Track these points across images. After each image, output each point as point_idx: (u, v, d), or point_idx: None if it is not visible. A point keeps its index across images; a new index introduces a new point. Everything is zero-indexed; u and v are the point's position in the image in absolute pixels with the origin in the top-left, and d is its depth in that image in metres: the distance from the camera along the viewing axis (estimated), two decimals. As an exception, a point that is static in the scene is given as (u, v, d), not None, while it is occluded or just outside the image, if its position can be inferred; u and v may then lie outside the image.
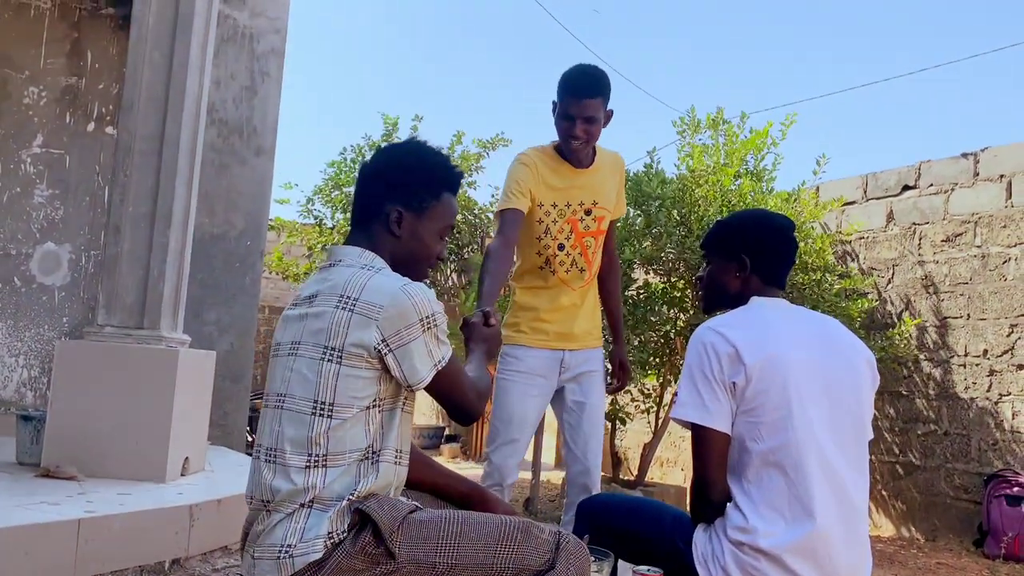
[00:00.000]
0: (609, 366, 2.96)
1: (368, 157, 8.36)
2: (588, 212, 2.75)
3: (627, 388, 2.88)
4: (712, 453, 1.80)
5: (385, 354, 1.55)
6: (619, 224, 5.78)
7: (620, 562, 2.03)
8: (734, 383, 1.78)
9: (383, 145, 2.02)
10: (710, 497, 1.82)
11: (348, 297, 1.57)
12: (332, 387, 1.55)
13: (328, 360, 1.55)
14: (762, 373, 1.77)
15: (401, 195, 1.71)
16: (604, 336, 2.96)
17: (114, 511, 2.94)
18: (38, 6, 5.53)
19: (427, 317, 1.57)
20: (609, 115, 2.67)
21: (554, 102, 2.67)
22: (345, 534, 1.52)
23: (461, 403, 1.67)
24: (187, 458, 3.83)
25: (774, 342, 1.83)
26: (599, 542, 1.89)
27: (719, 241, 2.07)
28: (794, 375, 1.79)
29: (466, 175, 8.23)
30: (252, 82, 5.99)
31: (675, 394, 1.88)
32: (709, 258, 2.10)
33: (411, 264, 1.74)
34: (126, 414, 3.61)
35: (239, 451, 5.31)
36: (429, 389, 1.61)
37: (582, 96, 2.59)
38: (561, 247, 2.75)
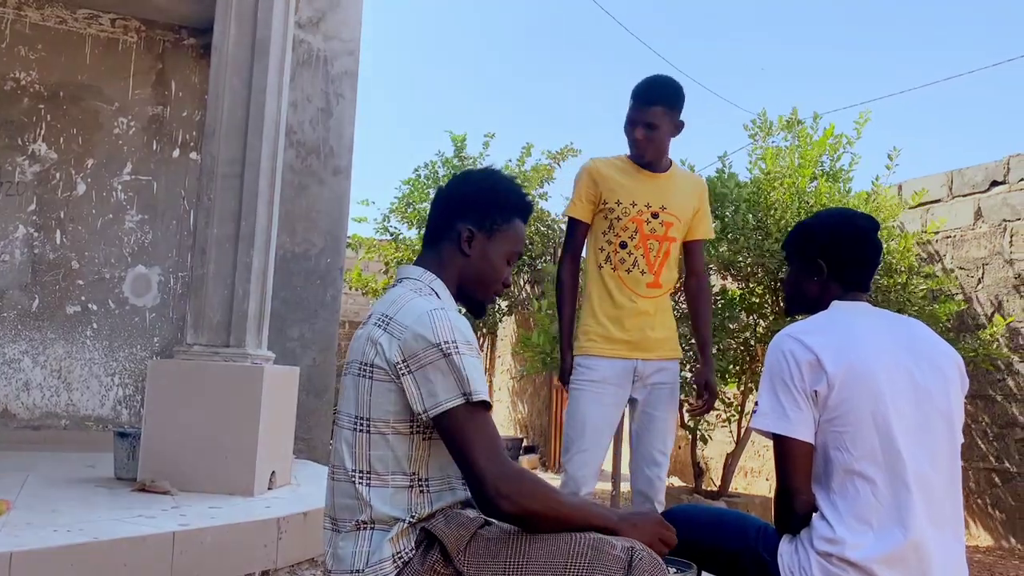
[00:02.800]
0: (694, 385, 2.96)
1: (441, 174, 8.44)
2: (655, 215, 2.78)
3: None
4: (795, 463, 1.76)
5: (404, 374, 1.53)
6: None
7: (704, 574, 2.00)
8: (816, 391, 1.73)
9: (461, 171, 2.05)
10: (794, 507, 1.77)
11: (387, 316, 1.59)
12: (367, 402, 1.57)
13: (363, 376, 1.58)
14: (845, 380, 1.73)
15: (474, 215, 1.73)
16: (684, 349, 2.98)
17: (206, 524, 3.03)
18: (125, 40, 5.78)
19: (446, 343, 1.51)
20: (679, 126, 2.76)
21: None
22: (413, 551, 1.53)
23: (469, 459, 1.50)
24: (273, 472, 3.92)
25: (857, 348, 1.78)
26: (683, 554, 1.87)
27: (797, 245, 2.02)
28: (878, 382, 1.74)
29: (537, 186, 8.25)
30: (327, 104, 6.14)
31: (756, 403, 1.84)
32: (789, 261, 2.06)
33: (478, 285, 1.74)
34: (215, 430, 3.72)
35: (323, 464, 5.41)
36: (439, 427, 1.52)
37: (644, 103, 2.71)
38: (624, 245, 2.77)
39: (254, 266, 3.95)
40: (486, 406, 1.53)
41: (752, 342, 5.81)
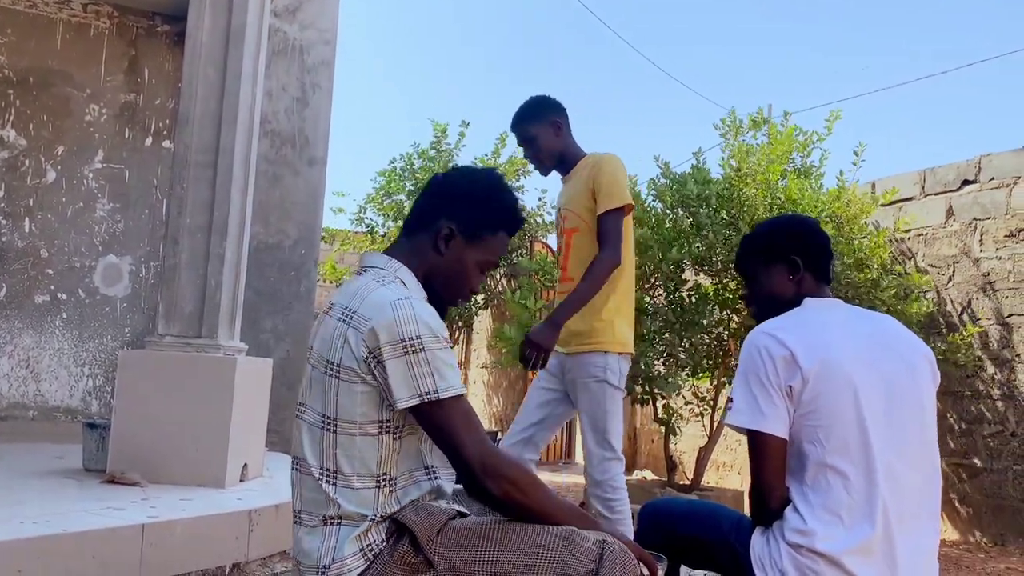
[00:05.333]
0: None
1: (417, 165, 8.34)
2: (565, 217, 3.01)
3: (535, 367, 2.77)
4: (769, 458, 1.77)
5: (373, 367, 1.50)
6: (667, 225, 5.75)
7: (682, 568, 2.02)
8: (790, 387, 1.75)
9: (462, 165, 2.02)
10: (768, 503, 1.79)
11: (350, 309, 1.54)
12: (335, 402, 1.53)
13: (330, 375, 1.54)
14: (819, 375, 1.74)
15: (460, 216, 1.68)
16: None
17: (176, 516, 3.01)
18: (97, 25, 5.70)
19: (409, 339, 1.48)
20: (555, 124, 2.96)
21: None
22: (384, 543, 1.52)
23: (454, 447, 1.49)
24: (246, 464, 3.90)
25: (830, 344, 1.79)
26: (659, 546, 1.88)
27: (761, 251, 2.03)
28: (851, 376, 1.76)
29: (512, 179, 8.24)
30: (303, 93, 6.09)
31: (729, 398, 1.85)
32: (752, 272, 2.06)
33: (444, 285, 1.69)
34: (186, 421, 3.69)
35: (296, 457, 5.38)
36: (420, 422, 1.52)
37: (513, 129, 3.02)
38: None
39: (227, 257, 3.91)
40: (459, 398, 1.51)
41: (725, 337, 5.85)
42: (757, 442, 1.78)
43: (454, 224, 1.67)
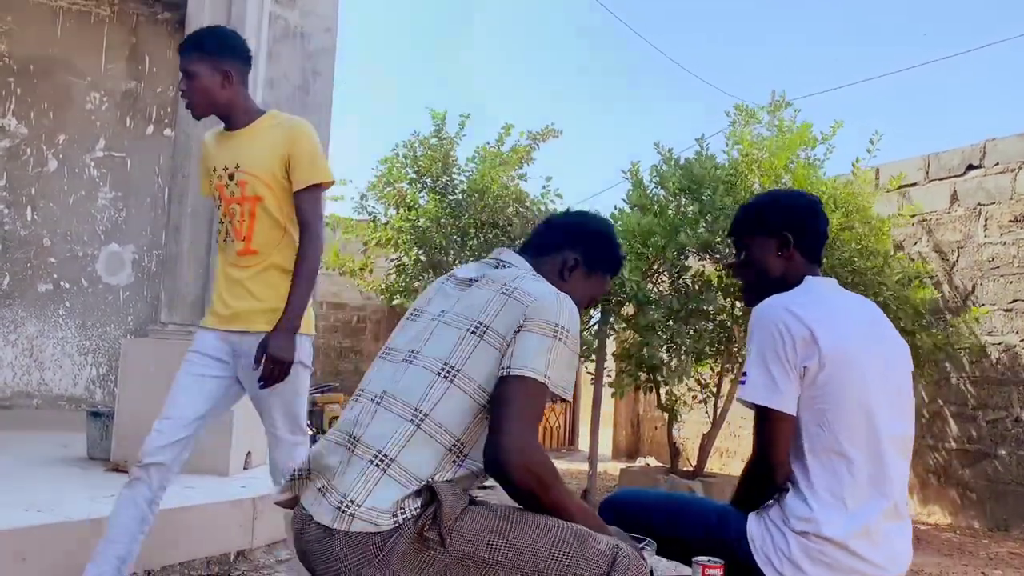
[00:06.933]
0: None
1: (419, 153, 8.27)
2: (232, 177, 2.52)
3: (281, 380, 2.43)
4: (778, 436, 1.74)
5: (516, 334, 1.57)
6: (671, 212, 5.73)
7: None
8: (806, 367, 1.71)
9: (581, 210, 2.08)
10: (775, 480, 1.76)
11: (510, 286, 1.63)
12: (467, 355, 1.57)
13: (473, 332, 1.59)
14: (834, 359, 1.71)
15: (586, 252, 1.84)
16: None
17: (180, 504, 3.01)
18: (98, 13, 5.68)
19: (563, 327, 1.58)
20: (226, 75, 2.49)
21: None
22: (415, 512, 1.48)
23: (506, 419, 1.52)
24: (249, 452, 3.90)
25: (843, 326, 1.77)
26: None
27: (754, 221, 1.96)
28: (862, 362, 1.74)
29: (516, 167, 8.22)
30: (304, 81, 6.07)
31: (735, 380, 1.82)
32: (744, 242, 1.98)
33: None
34: (190, 409, 3.68)
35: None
36: (501, 386, 1.54)
37: (181, 51, 2.50)
38: (217, 215, 2.58)
39: (230, 244, 3.90)
40: (544, 388, 1.55)
41: (728, 324, 5.84)
42: (769, 419, 1.75)
43: (579, 255, 1.83)
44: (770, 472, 1.77)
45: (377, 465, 1.52)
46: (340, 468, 1.56)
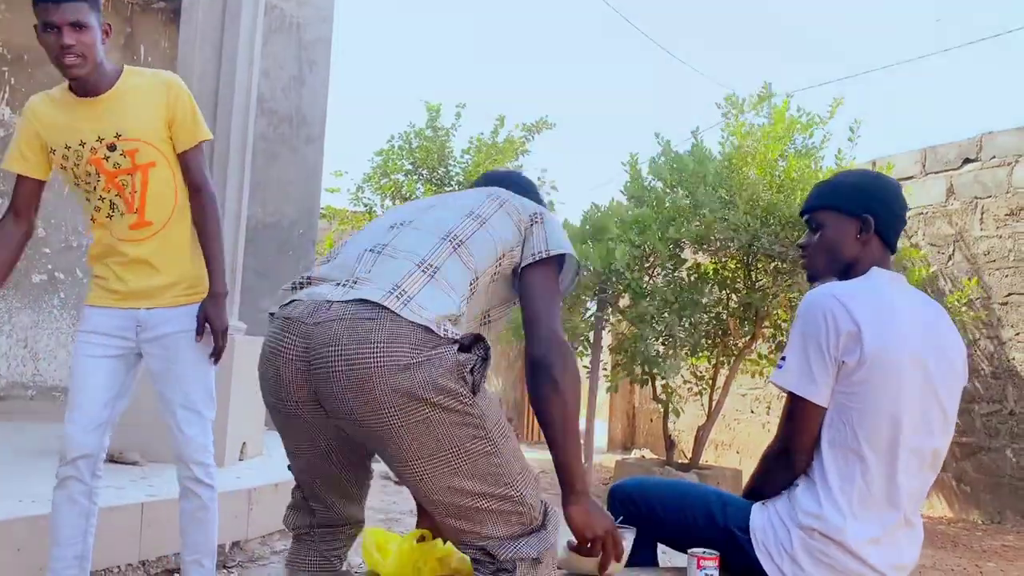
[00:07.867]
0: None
1: (415, 144, 8.26)
2: (112, 148, 2.30)
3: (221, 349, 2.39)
4: (807, 425, 1.71)
5: (534, 222, 1.60)
6: (666, 204, 5.72)
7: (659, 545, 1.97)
8: (844, 361, 1.67)
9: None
10: (796, 466, 1.73)
11: (498, 197, 1.65)
12: (471, 232, 1.54)
13: (470, 217, 1.57)
14: (875, 360, 1.66)
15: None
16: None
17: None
18: (92, 3, 5.64)
19: (537, 213, 1.64)
20: (107, 31, 2.29)
21: (35, 25, 2.19)
22: (470, 340, 1.37)
23: (537, 313, 1.50)
24: (244, 443, 3.90)
25: (893, 328, 1.70)
26: (628, 521, 1.84)
27: (836, 198, 1.85)
28: (902, 370, 1.69)
29: (511, 159, 8.22)
30: (300, 71, 6.05)
31: (783, 356, 1.78)
32: (820, 219, 1.87)
33: None
34: (185, 400, 3.67)
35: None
36: (525, 277, 1.55)
37: None
38: (93, 192, 2.36)
39: (224, 236, 3.89)
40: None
41: (724, 316, 5.85)
42: (800, 407, 1.71)
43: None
44: (793, 457, 1.73)
45: (424, 271, 1.43)
46: (364, 268, 1.47)
